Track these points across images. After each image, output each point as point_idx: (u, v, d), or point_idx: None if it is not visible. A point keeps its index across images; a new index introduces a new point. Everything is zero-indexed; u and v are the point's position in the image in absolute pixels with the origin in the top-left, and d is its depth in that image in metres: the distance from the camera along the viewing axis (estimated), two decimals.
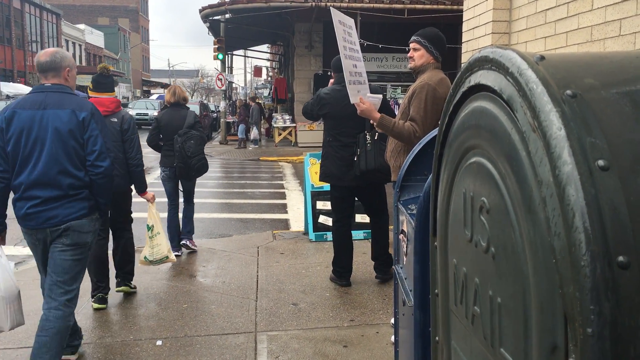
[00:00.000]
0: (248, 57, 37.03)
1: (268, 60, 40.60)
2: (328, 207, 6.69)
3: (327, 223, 6.63)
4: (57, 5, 47.35)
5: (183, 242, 6.08)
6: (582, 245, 0.76)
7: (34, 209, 3.08)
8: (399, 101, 16.15)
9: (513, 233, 0.96)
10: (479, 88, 1.14)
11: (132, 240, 4.81)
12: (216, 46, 21.45)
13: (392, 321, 3.23)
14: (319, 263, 5.72)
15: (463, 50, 6.82)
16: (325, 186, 6.75)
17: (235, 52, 30.52)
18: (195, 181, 6.14)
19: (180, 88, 6.19)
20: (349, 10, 16.16)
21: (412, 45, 3.91)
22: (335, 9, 3.91)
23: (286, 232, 7.30)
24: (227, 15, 19.66)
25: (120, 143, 4.39)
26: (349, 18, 3.94)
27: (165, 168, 5.91)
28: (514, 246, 0.96)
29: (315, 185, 6.79)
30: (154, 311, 4.45)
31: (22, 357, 3.65)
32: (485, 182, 1.09)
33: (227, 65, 25.55)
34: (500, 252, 1.03)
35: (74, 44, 48.13)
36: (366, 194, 4.95)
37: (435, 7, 16.90)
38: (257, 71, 37.71)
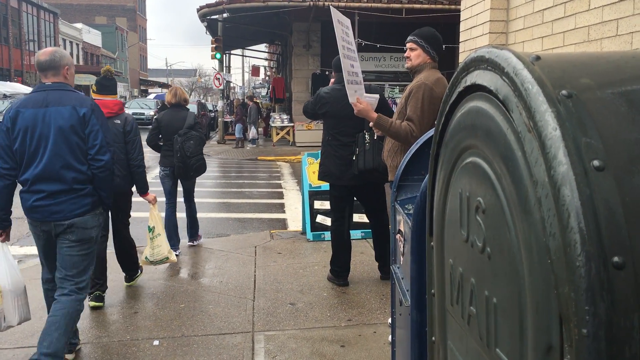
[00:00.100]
0: (246, 56, 37.05)
1: (266, 59, 40.59)
2: (326, 207, 6.69)
3: (324, 223, 6.63)
4: (55, 4, 47.25)
5: (190, 243, 6.31)
6: (577, 245, 0.76)
7: (40, 202, 3.22)
8: (397, 101, 16.15)
9: (509, 233, 0.96)
10: (475, 88, 1.13)
11: (131, 240, 4.91)
12: (214, 45, 21.45)
13: (390, 321, 3.23)
14: (316, 263, 5.72)
15: (460, 49, 6.82)
16: (323, 186, 6.76)
17: (233, 52, 30.49)
18: (195, 180, 6.23)
19: (182, 89, 6.30)
20: (347, 10, 16.17)
21: (408, 45, 3.92)
22: (334, 8, 3.91)
23: (284, 231, 7.30)
24: (225, 15, 19.65)
25: (123, 144, 4.47)
26: (346, 18, 3.95)
27: (165, 168, 5.98)
28: (509, 246, 0.96)
29: (313, 185, 6.79)
30: (151, 311, 4.45)
31: (19, 357, 3.64)
32: (481, 182, 1.09)
33: (224, 65, 25.53)
34: (496, 252, 1.03)
35: (71, 43, 48.04)
36: (365, 194, 4.95)
37: (433, 6, 16.90)
38: (255, 71, 37.72)
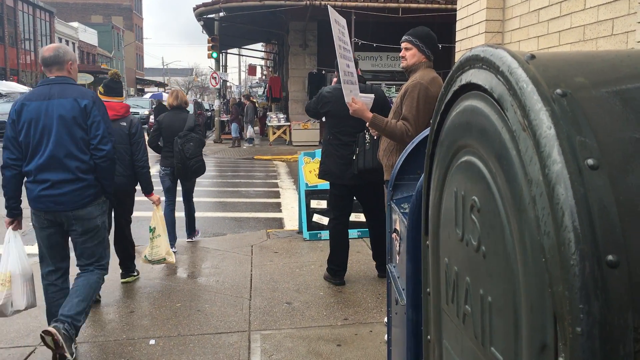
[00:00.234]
0: (242, 55, 36.94)
1: (262, 59, 40.54)
2: (322, 206, 6.70)
3: (321, 222, 6.63)
4: (51, 3, 47.15)
5: (189, 239, 6.48)
6: (571, 244, 0.76)
7: (45, 192, 3.35)
8: (394, 100, 16.15)
9: (503, 232, 0.96)
10: (470, 87, 1.13)
11: (130, 239, 5.04)
12: (210, 45, 21.41)
13: (386, 320, 3.23)
14: (313, 262, 5.72)
15: (457, 49, 6.83)
16: (320, 185, 6.76)
17: (229, 51, 30.45)
18: (195, 181, 6.39)
19: (182, 92, 6.48)
20: (344, 9, 16.17)
21: (403, 44, 3.93)
22: (331, 7, 3.90)
23: (280, 231, 7.30)
24: (222, 14, 19.62)
25: (128, 146, 4.60)
26: (342, 18, 3.95)
27: (165, 168, 6.12)
28: (504, 245, 0.96)
29: (310, 184, 6.79)
30: (148, 310, 4.44)
31: (15, 357, 3.63)
32: (476, 181, 1.09)
33: (221, 64, 25.51)
34: (490, 251, 1.03)
35: (67, 42, 47.89)
36: (365, 194, 4.95)
37: (429, 6, 16.92)
38: (252, 70, 37.70)
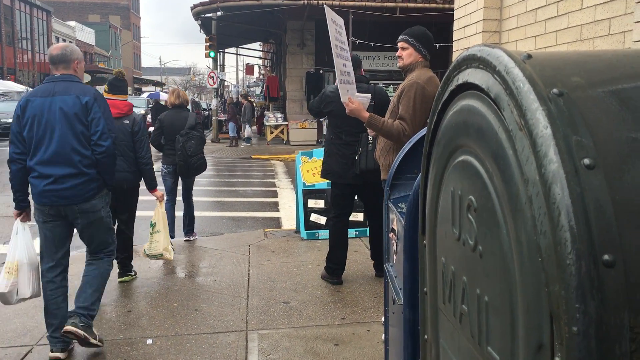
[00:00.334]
0: (240, 55, 36.87)
1: (260, 58, 40.49)
2: (320, 206, 6.70)
3: (318, 221, 6.64)
4: (48, 2, 47.01)
5: (186, 238, 6.52)
6: (567, 243, 0.76)
7: (49, 186, 3.43)
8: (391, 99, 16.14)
9: (500, 231, 0.96)
10: (467, 86, 1.13)
11: (131, 238, 5.10)
12: (208, 44, 21.39)
13: (383, 319, 3.23)
14: (310, 261, 5.72)
15: (454, 48, 6.83)
16: (317, 184, 6.76)
17: (227, 50, 30.41)
18: (194, 179, 6.53)
19: (183, 91, 6.61)
20: (341, 9, 16.17)
21: (400, 44, 3.93)
22: (328, 6, 3.90)
23: (278, 230, 7.29)
24: (219, 13, 19.61)
25: (131, 143, 4.72)
26: (339, 17, 3.95)
27: (168, 166, 6.24)
28: (501, 244, 0.96)
29: (307, 184, 6.79)
30: (145, 310, 4.43)
31: (11, 356, 3.62)
32: (472, 181, 1.09)
33: (219, 63, 25.47)
34: (487, 250, 1.03)
35: (64, 41, 47.81)
36: (367, 193, 4.96)
37: (427, 5, 16.92)
38: (249, 69, 37.64)
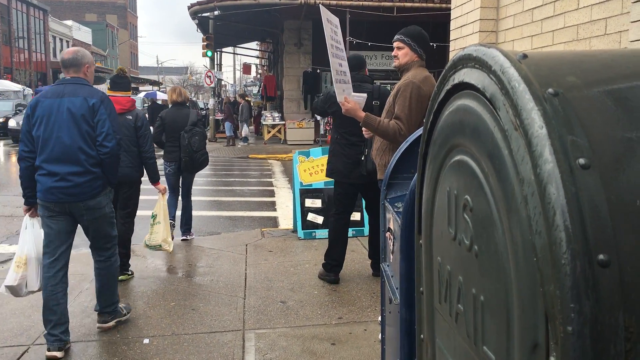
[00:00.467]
0: (237, 54, 36.81)
1: (257, 57, 40.48)
2: (317, 205, 6.70)
3: (315, 221, 6.64)
4: (45, 1, 46.89)
5: (183, 237, 6.52)
6: (562, 243, 0.76)
7: (57, 184, 3.56)
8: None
9: (495, 231, 0.96)
10: (462, 86, 1.13)
11: (130, 234, 5.13)
12: (205, 43, 21.38)
13: (380, 319, 3.23)
14: (307, 261, 5.72)
15: (451, 48, 6.84)
16: (314, 184, 6.76)
17: (224, 50, 30.36)
18: (194, 176, 6.62)
19: (184, 89, 6.74)
20: (338, 8, 16.15)
21: (395, 44, 3.93)
22: (324, 6, 3.90)
23: (275, 229, 7.29)
24: (216, 12, 19.58)
25: (134, 138, 4.83)
26: (334, 17, 3.95)
27: (170, 163, 6.34)
28: (496, 244, 0.96)
29: (304, 183, 6.79)
30: (142, 309, 4.43)
31: (8, 356, 3.62)
32: (468, 180, 1.10)
33: (216, 63, 25.44)
34: (483, 250, 1.03)
35: (61, 40, 47.72)
36: (371, 192, 4.98)
37: (424, 5, 16.93)
38: (246, 68, 37.59)
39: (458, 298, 1.17)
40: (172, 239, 5.42)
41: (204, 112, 30.03)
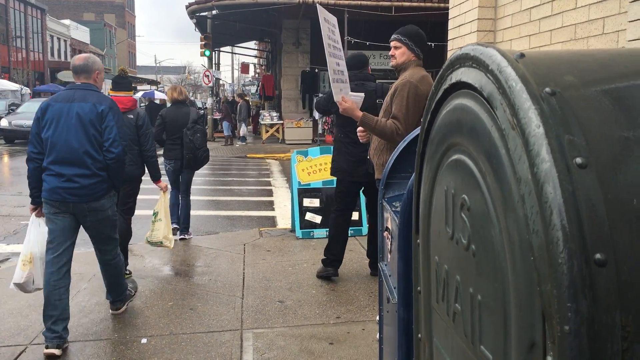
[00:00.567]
0: (235, 53, 36.78)
1: (255, 57, 40.44)
2: (315, 205, 6.70)
3: (313, 220, 6.63)
4: (42, 0, 46.78)
5: (181, 237, 6.55)
6: (559, 242, 0.76)
7: (63, 184, 3.66)
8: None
9: (493, 230, 0.96)
10: (460, 85, 1.13)
11: (129, 231, 5.18)
12: (203, 42, 21.36)
13: (378, 318, 3.23)
14: (305, 260, 5.72)
15: (449, 47, 6.84)
16: (312, 183, 6.76)
17: (222, 49, 30.34)
18: (194, 174, 6.70)
19: (183, 88, 6.87)
20: (337, 8, 16.15)
21: (392, 43, 3.94)
22: (321, 6, 3.90)
23: (273, 229, 7.29)
24: (214, 12, 19.57)
25: (135, 137, 4.92)
26: (332, 16, 3.94)
27: (170, 161, 6.44)
28: (493, 244, 0.96)
29: (302, 183, 6.79)
30: (139, 309, 4.42)
31: (5, 356, 3.61)
32: (466, 180, 1.09)
33: (214, 62, 25.43)
34: (480, 249, 1.03)
35: (59, 39, 47.61)
36: (373, 191, 4.99)
37: (422, 4, 16.93)
38: (245, 68, 37.57)
39: (455, 297, 1.17)
40: (172, 235, 5.48)
41: (202, 111, 30.06)
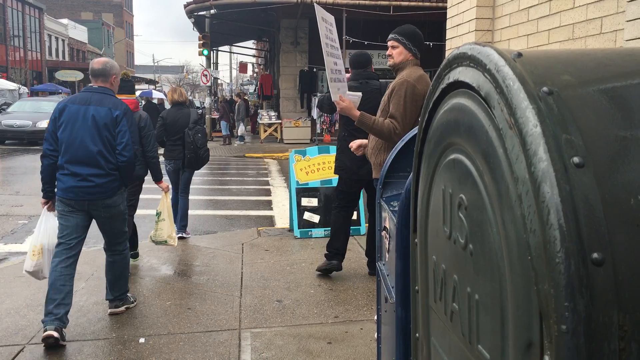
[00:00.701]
0: (233, 53, 36.73)
1: (254, 56, 40.41)
2: (313, 204, 6.70)
3: (312, 220, 6.63)
4: None
5: (179, 235, 6.51)
6: (556, 242, 0.76)
7: (78, 183, 3.84)
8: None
9: (490, 230, 0.96)
10: (457, 85, 1.13)
11: (131, 229, 5.26)
12: (201, 42, 21.32)
13: (376, 317, 3.23)
14: (303, 260, 5.71)
15: (447, 47, 6.85)
16: (311, 183, 6.76)
17: (220, 48, 30.31)
18: (193, 174, 6.75)
19: (184, 90, 7.00)
20: (335, 7, 16.15)
21: (390, 43, 3.94)
22: (318, 5, 3.90)
23: (271, 228, 7.28)
24: (212, 11, 19.55)
25: (137, 138, 4.96)
26: (330, 15, 3.94)
27: (170, 161, 6.50)
28: (491, 243, 0.96)
29: (301, 182, 6.79)
30: (137, 309, 4.42)
31: (2, 355, 3.61)
32: (463, 179, 1.09)
33: (212, 62, 25.39)
34: (478, 248, 1.03)
35: (57, 38, 47.53)
36: (374, 190, 5.01)
37: (420, 4, 16.94)
38: (243, 67, 37.53)
39: (453, 297, 1.17)
40: (175, 234, 5.62)
41: (201, 110, 30.04)
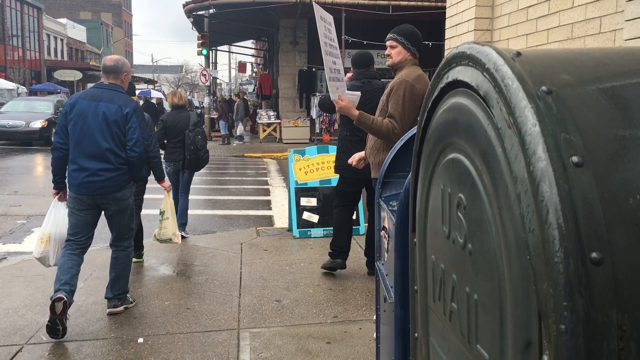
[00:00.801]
0: (232, 52, 36.73)
1: (253, 56, 40.40)
2: (312, 204, 6.69)
3: (311, 219, 6.63)
4: None
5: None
6: (555, 241, 0.76)
7: (88, 178, 3.95)
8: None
9: (489, 229, 0.96)
10: (456, 84, 1.13)
11: (140, 224, 5.37)
12: (200, 42, 21.31)
13: (375, 317, 3.23)
14: (302, 259, 5.71)
15: (446, 47, 6.84)
16: (310, 182, 6.75)
17: (219, 48, 30.32)
18: (194, 174, 6.82)
19: (184, 93, 7.10)
20: (334, 7, 16.15)
21: (388, 42, 3.93)
22: (317, 4, 3.90)
23: (270, 228, 7.28)
24: (211, 11, 19.53)
25: (147, 134, 5.14)
26: (328, 14, 3.94)
27: (170, 163, 6.56)
28: (490, 242, 0.96)
29: (300, 182, 6.79)
30: (136, 308, 4.41)
31: (1, 356, 3.60)
32: (462, 179, 1.09)
33: (211, 61, 25.39)
34: (476, 248, 1.03)
35: (55, 38, 47.47)
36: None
37: (419, 3, 16.94)
38: (242, 67, 37.51)
39: (452, 296, 1.17)
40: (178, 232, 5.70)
41: (199, 110, 30.03)
